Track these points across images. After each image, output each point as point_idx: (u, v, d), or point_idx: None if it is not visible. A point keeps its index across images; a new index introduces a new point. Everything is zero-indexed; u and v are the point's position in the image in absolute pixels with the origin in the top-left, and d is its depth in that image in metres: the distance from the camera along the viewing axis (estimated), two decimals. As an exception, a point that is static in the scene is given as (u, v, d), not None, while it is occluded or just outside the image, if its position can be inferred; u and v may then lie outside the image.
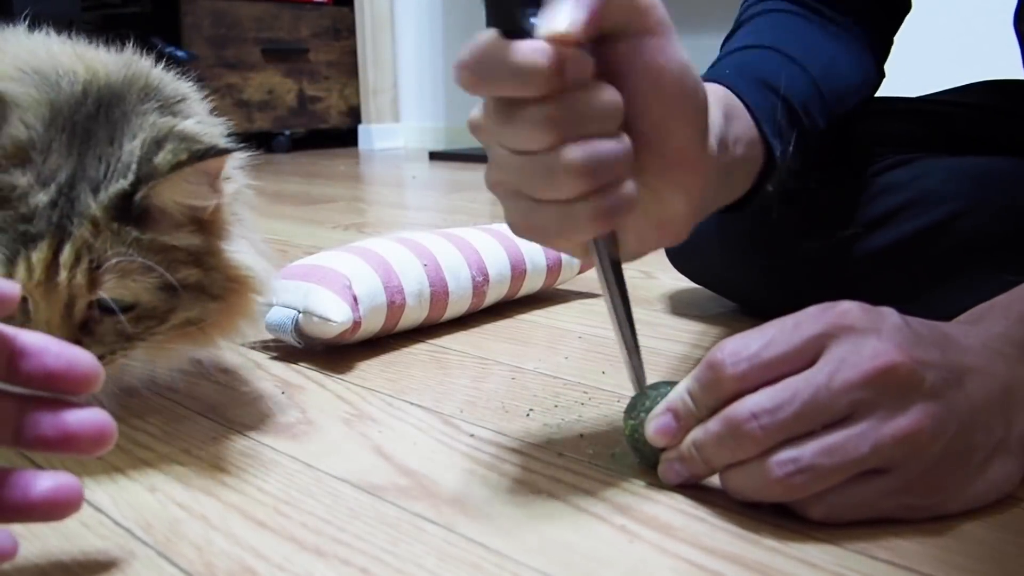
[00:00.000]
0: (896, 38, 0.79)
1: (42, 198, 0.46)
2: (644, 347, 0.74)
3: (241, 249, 0.54)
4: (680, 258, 0.86)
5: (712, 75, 0.59)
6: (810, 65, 0.65)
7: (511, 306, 0.87)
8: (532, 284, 0.87)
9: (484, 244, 0.83)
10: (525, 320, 0.84)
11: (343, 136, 3.39)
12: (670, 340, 0.76)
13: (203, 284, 0.51)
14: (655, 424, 0.45)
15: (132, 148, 0.48)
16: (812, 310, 0.44)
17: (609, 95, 0.41)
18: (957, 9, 1.98)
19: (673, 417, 0.45)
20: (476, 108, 0.43)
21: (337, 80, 3.31)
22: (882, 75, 0.77)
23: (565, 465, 0.51)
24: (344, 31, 3.31)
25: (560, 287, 0.94)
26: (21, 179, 0.46)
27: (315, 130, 3.30)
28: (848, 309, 0.43)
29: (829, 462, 0.40)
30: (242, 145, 0.55)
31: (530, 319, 0.85)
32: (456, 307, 0.79)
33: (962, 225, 0.70)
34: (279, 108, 3.13)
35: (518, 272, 0.84)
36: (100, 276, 0.47)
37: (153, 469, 0.51)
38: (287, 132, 3.19)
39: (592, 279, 0.97)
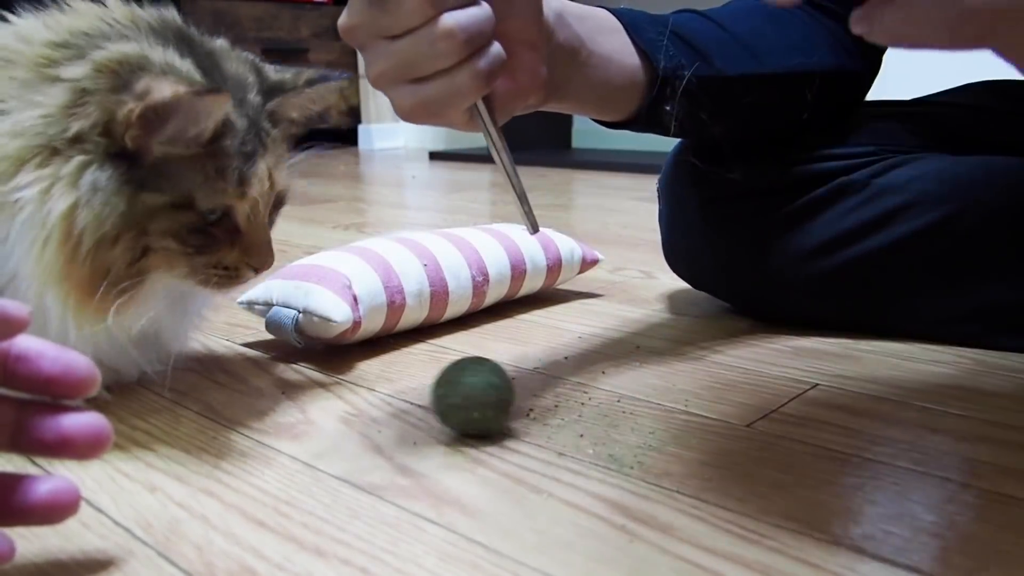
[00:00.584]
0: None
1: (242, 122, 0.53)
2: (643, 347, 0.74)
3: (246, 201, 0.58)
4: (677, 263, 0.87)
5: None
6: (732, 27, 0.69)
7: (511, 306, 0.87)
8: (532, 284, 0.87)
9: (484, 244, 0.83)
10: (525, 320, 0.84)
11: (343, 136, 3.39)
12: (668, 340, 0.76)
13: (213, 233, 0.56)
14: None
15: (243, 70, 0.56)
16: None
17: None
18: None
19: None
20: (344, 13, 0.47)
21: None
22: (876, 65, 0.77)
23: (565, 465, 0.51)
24: (344, 31, 3.31)
25: (560, 287, 0.94)
26: (232, 111, 0.52)
27: (315, 130, 3.30)
28: None
29: None
30: None
31: (530, 319, 0.85)
32: (456, 307, 0.79)
33: (959, 226, 0.70)
34: (279, 108, 3.13)
35: (518, 272, 0.84)
36: (281, 173, 0.57)
37: (153, 469, 0.51)
38: (287, 132, 3.18)
39: (593, 279, 0.97)
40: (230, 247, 0.54)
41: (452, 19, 0.44)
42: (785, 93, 0.72)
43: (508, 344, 0.76)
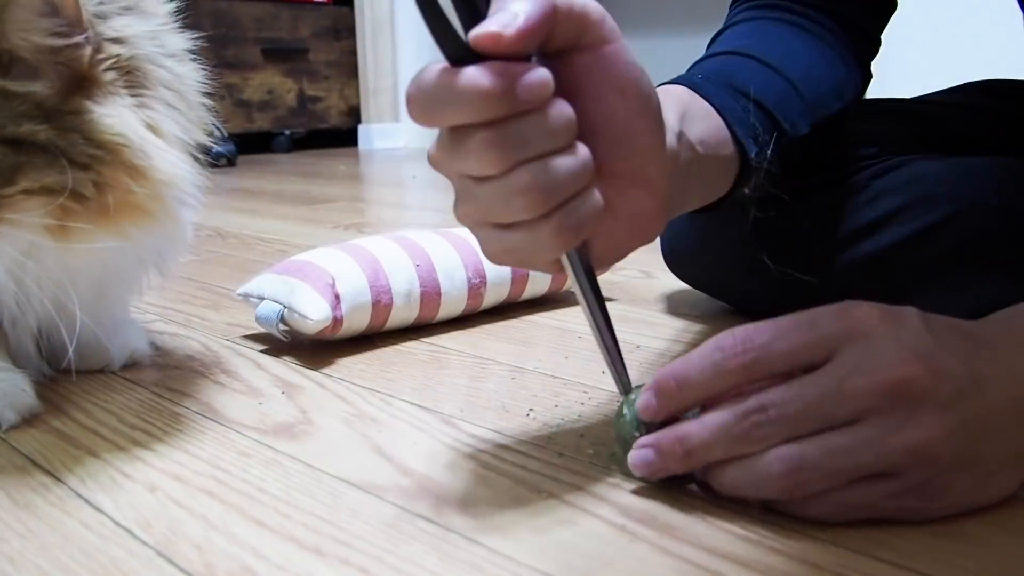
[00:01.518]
0: (889, 38, 0.79)
1: None
2: (643, 347, 0.74)
3: (117, 115, 0.51)
4: (677, 264, 0.87)
5: (680, 79, 0.60)
6: (787, 70, 0.65)
7: (511, 306, 0.87)
8: (537, 287, 0.87)
9: (484, 244, 0.83)
10: (525, 320, 0.84)
11: (343, 136, 3.39)
12: (669, 340, 0.76)
13: (57, 145, 0.48)
14: (641, 400, 0.45)
15: None
16: (830, 309, 0.43)
17: (558, 110, 0.40)
18: (950, 9, 1.98)
19: (655, 394, 0.44)
20: (434, 142, 0.43)
21: (337, 80, 3.32)
22: (869, 76, 0.77)
23: (565, 465, 0.51)
24: (344, 31, 3.32)
25: (565, 289, 0.94)
26: None
27: (315, 130, 3.30)
28: (868, 313, 0.42)
29: (832, 464, 0.39)
30: None
31: (530, 319, 0.85)
32: (450, 308, 0.79)
33: (958, 227, 0.70)
34: (279, 108, 3.13)
35: (519, 275, 0.84)
36: None
37: (153, 469, 0.51)
38: (287, 132, 3.19)
39: (599, 281, 0.97)
40: None
41: (529, 174, 0.39)
42: (824, 136, 0.70)
43: (508, 344, 0.76)
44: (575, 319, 0.84)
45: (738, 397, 0.42)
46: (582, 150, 0.42)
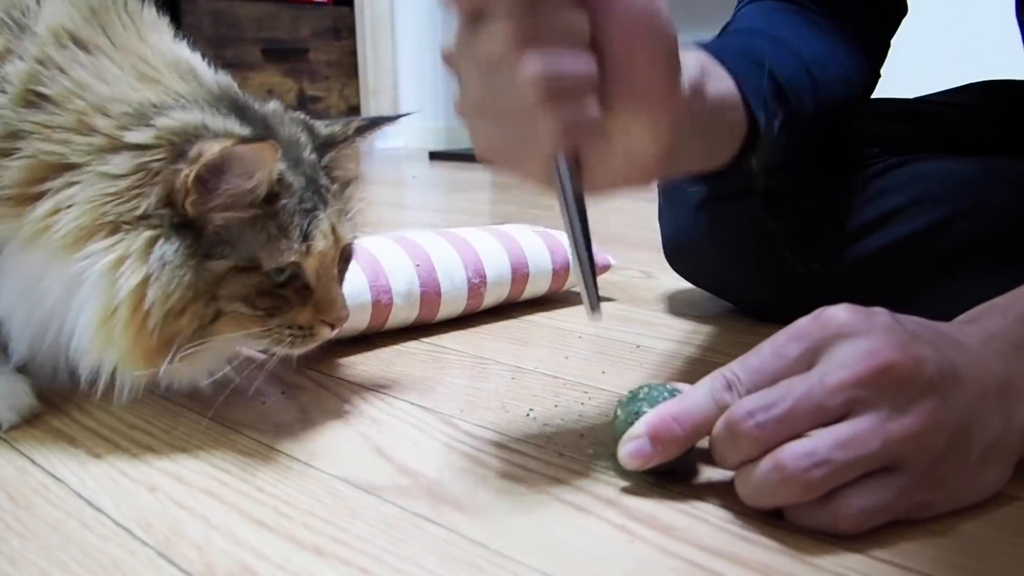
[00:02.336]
0: (893, 39, 0.79)
1: (299, 180, 0.54)
2: (643, 346, 0.74)
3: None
4: (678, 261, 0.86)
5: (699, 44, 0.59)
6: (801, 50, 0.65)
7: (511, 306, 0.87)
8: (536, 287, 0.87)
9: (484, 245, 0.83)
10: (525, 320, 0.84)
11: (343, 136, 3.38)
12: (668, 340, 0.76)
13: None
14: (627, 448, 0.45)
15: (295, 131, 0.57)
16: (800, 325, 0.44)
17: (578, 15, 0.42)
18: (954, 9, 1.98)
19: (650, 441, 0.45)
20: (447, 41, 0.44)
21: (337, 80, 3.31)
22: (877, 76, 0.77)
23: (565, 465, 0.51)
24: (344, 31, 3.31)
25: (566, 289, 0.94)
26: (285, 169, 0.53)
27: (315, 130, 3.30)
28: (833, 315, 0.43)
29: (842, 456, 0.40)
30: None
31: (530, 319, 0.84)
32: (450, 308, 0.79)
33: (959, 227, 0.70)
34: (279, 108, 3.13)
35: (519, 275, 0.84)
36: (344, 226, 0.57)
37: (153, 469, 0.51)
38: (287, 132, 3.18)
39: (600, 281, 0.97)
40: (302, 306, 0.55)
41: (539, 59, 0.40)
42: (837, 121, 0.71)
43: (509, 344, 0.76)
44: (575, 319, 0.84)
45: (728, 410, 0.43)
46: (588, 57, 0.42)
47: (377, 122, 0.62)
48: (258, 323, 0.53)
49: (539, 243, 0.87)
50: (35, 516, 0.45)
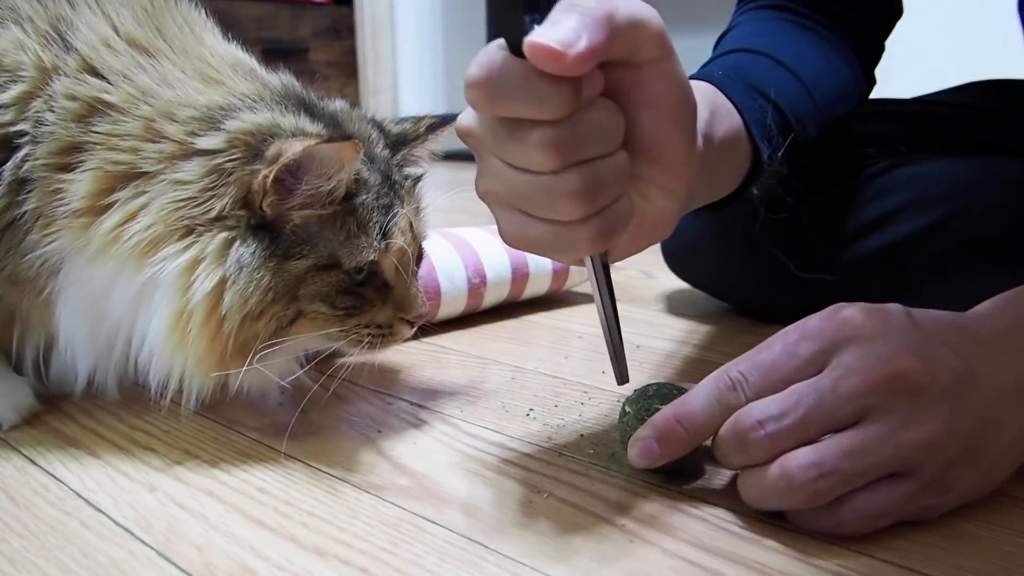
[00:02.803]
0: (890, 39, 0.79)
1: (375, 177, 0.53)
2: (643, 346, 0.74)
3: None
4: (677, 263, 0.86)
5: (703, 75, 0.59)
6: (801, 71, 0.65)
7: (511, 306, 0.87)
8: (536, 287, 0.87)
9: (485, 246, 0.83)
10: (525, 320, 0.84)
11: (343, 136, 3.39)
12: (668, 340, 0.76)
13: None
14: (636, 448, 0.45)
15: (365, 128, 0.57)
16: (813, 322, 0.43)
17: (613, 116, 0.40)
18: (951, 8, 1.98)
19: (657, 442, 0.45)
20: (466, 114, 0.42)
21: (337, 80, 3.31)
22: (872, 81, 0.77)
23: (565, 465, 0.51)
24: (344, 31, 3.31)
25: (565, 289, 0.94)
26: (363, 167, 0.53)
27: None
28: (850, 315, 0.43)
29: (851, 466, 0.39)
30: None
31: (530, 319, 0.84)
32: (450, 307, 0.79)
33: (956, 227, 0.70)
34: (279, 108, 3.13)
35: (519, 275, 0.84)
36: (420, 223, 0.57)
37: (153, 469, 0.51)
38: (287, 132, 3.19)
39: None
40: (382, 304, 0.54)
41: (580, 178, 0.39)
42: (831, 138, 0.70)
43: (509, 344, 0.76)
44: (575, 319, 0.84)
45: (735, 415, 0.42)
46: (622, 156, 0.41)
47: (447, 119, 0.60)
48: (337, 323, 0.52)
49: (539, 243, 0.86)
50: (35, 516, 0.45)
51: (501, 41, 0.38)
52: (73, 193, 0.49)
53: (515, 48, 0.37)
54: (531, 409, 0.60)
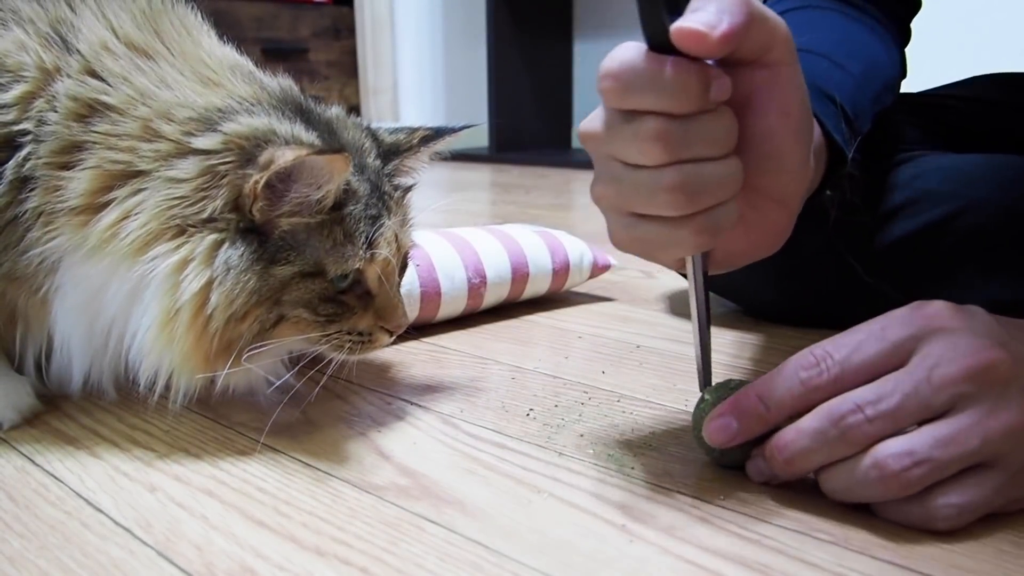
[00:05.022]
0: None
1: (365, 187, 0.53)
2: (643, 346, 0.74)
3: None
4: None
5: None
6: (853, 68, 0.66)
7: (512, 306, 0.87)
8: (536, 287, 0.87)
9: (485, 245, 0.83)
10: (525, 320, 0.84)
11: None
12: (668, 340, 0.76)
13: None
14: (714, 424, 0.46)
15: (359, 136, 0.57)
16: (900, 312, 0.44)
17: (727, 121, 0.42)
18: (959, 3, 1.98)
19: (735, 419, 0.45)
20: (588, 118, 0.44)
21: (337, 80, 3.32)
22: (905, 62, 0.77)
23: (565, 465, 0.51)
24: (344, 31, 3.32)
25: (566, 289, 0.94)
26: (353, 176, 0.53)
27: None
28: (938, 310, 0.43)
29: (944, 455, 0.40)
30: None
31: (531, 319, 0.84)
32: (450, 307, 0.79)
33: (961, 224, 0.70)
34: (279, 108, 3.13)
35: (519, 275, 0.84)
36: (406, 234, 0.58)
37: (153, 469, 0.51)
38: (287, 132, 3.19)
39: (597, 284, 0.97)
40: (363, 312, 0.55)
41: (682, 175, 0.41)
42: (877, 128, 0.70)
43: (509, 344, 0.76)
44: (575, 319, 0.84)
45: (827, 403, 0.42)
46: (735, 164, 0.42)
47: (441, 132, 0.61)
48: (319, 328, 0.53)
49: (539, 243, 0.87)
50: (35, 516, 0.45)
51: (635, 43, 0.40)
52: (72, 191, 0.49)
53: (655, 44, 0.39)
54: (531, 409, 0.60)
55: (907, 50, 0.79)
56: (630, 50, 0.40)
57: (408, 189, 0.61)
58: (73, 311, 0.53)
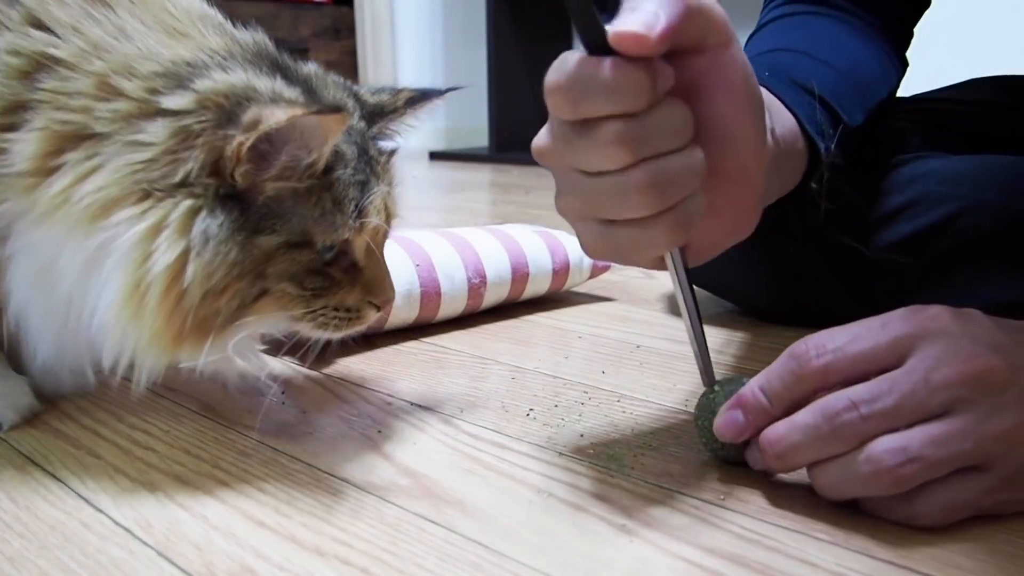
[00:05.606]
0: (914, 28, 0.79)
1: (352, 150, 0.50)
2: (643, 346, 0.74)
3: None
4: None
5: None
6: (836, 62, 0.66)
7: (512, 306, 0.87)
8: (536, 287, 0.87)
9: (484, 245, 0.83)
10: (525, 320, 0.84)
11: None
12: (668, 340, 0.76)
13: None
14: (722, 419, 0.46)
15: (341, 96, 0.53)
16: (900, 312, 0.44)
17: (682, 110, 0.41)
18: (959, 4, 1.98)
19: (741, 412, 0.45)
20: (539, 135, 0.43)
21: (337, 80, 3.31)
22: (905, 63, 0.77)
23: (565, 465, 0.51)
24: (344, 31, 3.32)
25: (566, 289, 0.94)
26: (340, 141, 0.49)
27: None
28: (938, 313, 0.43)
29: (936, 453, 0.40)
30: None
31: (531, 319, 0.84)
32: (450, 308, 0.79)
33: (959, 226, 0.70)
34: (279, 108, 3.13)
35: (519, 275, 0.84)
36: (393, 200, 0.54)
37: (153, 469, 0.51)
38: (287, 132, 3.19)
39: (597, 284, 0.97)
40: (350, 286, 0.51)
41: (650, 172, 0.40)
42: (872, 125, 0.71)
43: (509, 344, 0.76)
44: (575, 319, 0.84)
45: (822, 399, 0.42)
46: (698, 152, 0.42)
47: (428, 95, 0.57)
48: (303, 304, 0.49)
49: (539, 243, 0.87)
50: (35, 516, 0.45)
51: (571, 52, 0.40)
52: (18, 154, 0.45)
53: (593, 47, 0.39)
54: (531, 409, 0.60)
55: (910, 53, 0.79)
56: (571, 61, 0.39)
57: (392, 153, 0.56)
58: (27, 285, 0.49)
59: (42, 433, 0.55)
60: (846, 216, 0.72)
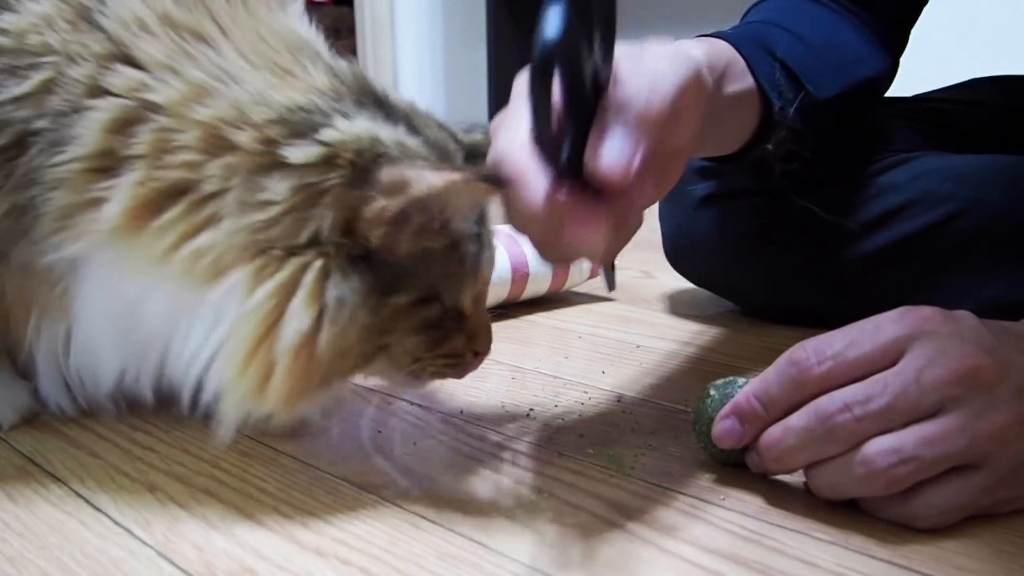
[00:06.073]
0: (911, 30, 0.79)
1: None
2: (643, 347, 0.74)
3: None
4: (679, 259, 0.86)
5: (719, 34, 0.61)
6: (811, 39, 0.66)
7: (512, 306, 0.87)
8: (537, 287, 0.87)
9: (484, 244, 0.83)
10: (525, 320, 0.84)
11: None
12: (668, 340, 0.76)
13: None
14: (719, 427, 0.46)
15: (441, 136, 0.49)
16: (892, 314, 0.44)
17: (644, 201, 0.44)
18: (958, 5, 1.98)
19: (738, 420, 0.45)
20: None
21: (337, 80, 3.31)
22: (897, 64, 0.77)
23: (565, 465, 0.51)
24: (344, 31, 3.32)
25: (565, 289, 0.94)
26: None
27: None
28: (930, 314, 0.44)
29: (931, 453, 0.40)
30: None
31: (531, 319, 0.84)
32: (452, 307, 0.79)
33: (960, 226, 0.70)
34: (279, 108, 3.13)
35: (519, 275, 0.84)
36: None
37: (153, 469, 0.51)
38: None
39: (596, 284, 0.97)
40: (458, 335, 0.49)
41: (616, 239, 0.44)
42: (853, 106, 0.71)
43: (509, 344, 0.76)
44: (575, 319, 0.84)
45: (815, 401, 0.43)
46: (598, 215, 0.42)
47: None
48: (417, 355, 0.48)
49: (539, 243, 0.87)
50: (35, 516, 0.45)
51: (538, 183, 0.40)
52: (108, 211, 0.42)
53: (561, 172, 0.40)
54: (531, 409, 0.60)
55: (908, 53, 0.79)
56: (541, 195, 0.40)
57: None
58: (100, 317, 0.47)
59: (42, 433, 0.55)
60: (808, 183, 0.73)
